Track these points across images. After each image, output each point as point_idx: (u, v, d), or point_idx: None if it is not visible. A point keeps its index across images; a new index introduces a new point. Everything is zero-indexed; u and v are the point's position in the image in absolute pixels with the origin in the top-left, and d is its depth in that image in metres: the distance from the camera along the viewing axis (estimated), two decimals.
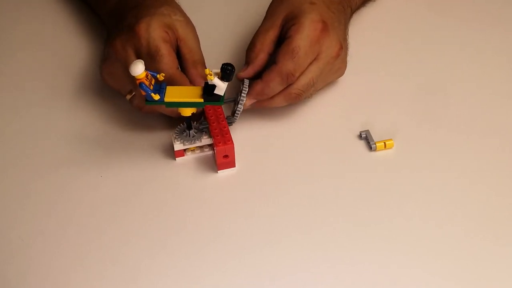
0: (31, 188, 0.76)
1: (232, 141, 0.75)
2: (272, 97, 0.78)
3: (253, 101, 0.78)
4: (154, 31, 0.77)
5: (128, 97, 0.79)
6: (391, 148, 0.79)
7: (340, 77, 0.85)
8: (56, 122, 0.83)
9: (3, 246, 0.71)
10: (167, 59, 0.76)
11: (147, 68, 0.69)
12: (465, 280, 0.68)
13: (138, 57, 0.77)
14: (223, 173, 0.77)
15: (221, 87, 0.71)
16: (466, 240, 0.70)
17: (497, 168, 0.77)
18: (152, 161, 0.78)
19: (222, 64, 0.70)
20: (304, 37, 0.76)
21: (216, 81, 0.70)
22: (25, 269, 0.69)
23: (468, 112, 0.83)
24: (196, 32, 0.81)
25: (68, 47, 0.93)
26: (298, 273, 0.68)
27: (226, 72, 0.70)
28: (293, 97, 0.78)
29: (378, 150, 0.79)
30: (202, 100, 0.72)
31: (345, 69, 0.83)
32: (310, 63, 0.77)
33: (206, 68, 0.79)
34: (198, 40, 0.81)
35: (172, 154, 0.78)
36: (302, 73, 0.77)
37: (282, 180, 0.76)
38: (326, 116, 0.83)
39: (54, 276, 0.68)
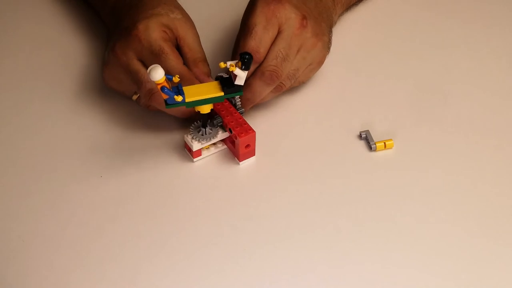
0: (32, 188, 0.76)
1: (253, 130, 0.75)
2: (249, 84, 0.76)
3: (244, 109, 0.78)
4: (153, 32, 0.76)
5: (135, 97, 0.79)
6: (391, 148, 0.79)
7: (340, 77, 0.85)
8: (56, 121, 0.83)
9: (3, 246, 0.71)
10: (173, 56, 0.76)
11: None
12: (465, 280, 0.68)
13: (141, 59, 0.77)
14: (244, 163, 0.77)
15: (241, 77, 0.71)
16: (467, 240, 0.70)
17: (497, 168, 0.77)
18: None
19: (240, 53, 0.71)
20: (258, 14, 0.75)
21: (237, 71, 0.70)
22: (25, 269, 0.69)
23: (468, 112, 0.83)
24: (195, 29, 0.81)
25: (70, 47, 0.92)
26: (300, 272, 0.68)
27: (244, 61, 0.70)
28: (269, 76, 0.76)
29: (378, 150, 0.79)
30: (222, 94, 0.72)
31: (324, 47, 0.80)
32: (275, 39, 0.76)
33: (207, 65, 0.79)
34: (198, 37, 0.81)
35: (185, 154, 0.78)
36: (269, 50, 0.76)
37: (282, 181, 0.76)
38: (326, 116, 0.83)
39: (54, 276, 0.68)
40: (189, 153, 0.78)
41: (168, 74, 0.72)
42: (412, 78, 0.88)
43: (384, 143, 0.78)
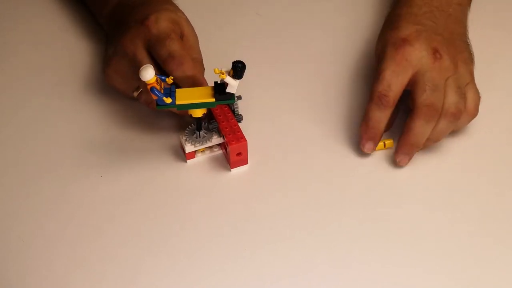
0: (32, 188, 0.76)
1: (245, 138, 0.75)
2: (409, 127, 0.74)
3: (407, 158, 0.75)
4: (163, 22, 0.77)
5: (135, 94, 0.79)
6: (391, 147, 0.79)
7: (340, 77, 0.86)
8: (56, 122, 0.83)
9: (3, 246, 0.71)
10: (178, 42, 0.76)
11: (156, 73, 0.69)
12: (466, 280, 0.68)
13: (148, 49, 0.77)
14: (236, 171, 0.77)
15: (233, 85, 0.71)
16: (467, 240, 0.70)
17: (497, 167, 0.77)
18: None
19: (233, 62, 0.70)
20: (387, 59, 0.75)
21: (228, 79, 0.70)
22: (25, 269, 0.69)
23: None
24: (195, 32, 0.82)
25: (71, 47, 0.93)
26: (301, 272, 0.68)
27: (237, 70, 0.70)
28: (426, 112, 0.74)
29: (378, 150, 0.78)
30: (214, 100, 0.72)
31: (467, 63, 0.78)
32: (419, 81, 0.74)
33: (203, 66, 0.79)
34: (198, 40, 0.82)
35: (182, 156, 0.78)
36: (444, 96, 0.74)
37: (284, 181, 0.76)
38: (325, 116, 0.83)
39: (54, 276, 0.68)
40: (184, 154, 0.78)
41: (170, 57, 0.73)
42: None
43: (384, 142, 0.78)
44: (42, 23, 0.97)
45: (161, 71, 0.77)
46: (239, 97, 0.78)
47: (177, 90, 0.72)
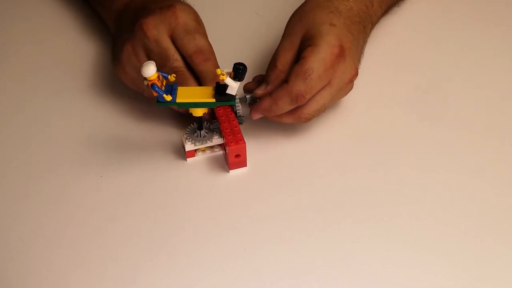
0: (32, 188, 0.76)
1: (244, 141, 0.75)
2: (280, 116, 0.76)
3: (259, 115, 0.77)
4: (190, 14, 0.78)
5: (146, 82, 0.78)
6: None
7: None
8: (56, 121, 0.83)
9: (3, 246, 0.71)
10: (206, 37, 0.77)
11: (159, 69, 0.69)
12: (466, 280, 0.68)
13: (172, 37, 0.77)
14: (235, 172, 0.77)
15: (233, 87, 0.71)
16: (467, 240, 0.70)
17: (497, 167, 0.77)
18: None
19: (234, 64, 0.70)
20: (319, 60, 0.73)
21: (228, 81, 0.70)
22: (25, 269, 0.69)
23: (468, 112, 0.83)
24: None
25: (72, 46, 0.93)
26: (301, 274, 0.68)
27: (238, 72, 0.70)
28: (303, 121, 0.77)
29: None
30: (214, 100, 0.72)
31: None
32: (322, 88, 0.75)
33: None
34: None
35: (182, 154, 0.78)
36: (313, 98, 0.75)
37: (286, 182, 0.76)
38: (325, 117, 0.83)
39: (54, 276, 0.68)
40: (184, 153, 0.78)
41: (199, 51, 0.75)
42: (412, 77, 0.88)
43: None
44: (42, 22, 0.97)
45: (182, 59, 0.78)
46: (243, 99, 0.78)
47: (179, 88, 0.72)
